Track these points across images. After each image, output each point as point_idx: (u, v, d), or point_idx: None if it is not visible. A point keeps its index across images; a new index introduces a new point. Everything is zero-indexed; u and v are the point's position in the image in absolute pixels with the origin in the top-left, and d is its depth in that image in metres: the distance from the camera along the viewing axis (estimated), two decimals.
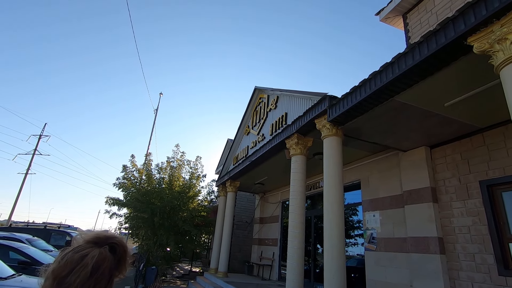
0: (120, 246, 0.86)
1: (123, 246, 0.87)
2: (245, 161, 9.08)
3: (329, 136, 5.17)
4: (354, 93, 4.43)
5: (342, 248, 4.63)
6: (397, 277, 5.58)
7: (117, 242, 0.86)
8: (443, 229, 5.06)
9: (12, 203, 20.05)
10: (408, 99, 4.10)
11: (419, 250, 5.21)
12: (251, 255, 12.60)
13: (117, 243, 0.85)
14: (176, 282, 11.06)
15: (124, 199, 11.68)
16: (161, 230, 10.94)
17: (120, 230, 13.21)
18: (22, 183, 21.07)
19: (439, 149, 5.48)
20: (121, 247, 0.86)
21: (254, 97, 10.00)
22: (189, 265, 14.70)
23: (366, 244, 6.52)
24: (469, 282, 4.52)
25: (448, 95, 3.93)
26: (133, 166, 12.64)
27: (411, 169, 5.77)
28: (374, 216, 6.49)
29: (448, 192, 5.14)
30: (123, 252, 0.87)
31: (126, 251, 0.88)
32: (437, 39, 3.12)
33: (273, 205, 11.52)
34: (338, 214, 4.74)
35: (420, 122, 4.74)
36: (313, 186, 9.19)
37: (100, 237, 0.84)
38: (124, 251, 0.87)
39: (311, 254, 8.70)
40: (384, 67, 3.85)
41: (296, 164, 6.14)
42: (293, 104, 6.96)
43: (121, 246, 0.86)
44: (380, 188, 6.52)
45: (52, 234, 12.27)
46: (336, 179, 4.93)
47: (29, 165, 22.14)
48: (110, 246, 0.83)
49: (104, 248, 0.81)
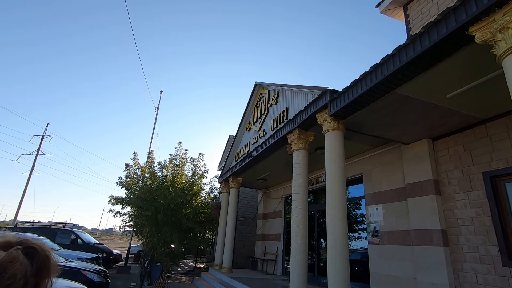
0: (40, 252, 0.73)
1: (44, 251, 0.74)
2: (247, 157, 9.09)
3: (330, 131, 5.15)
4: (355, 87, 4.39)
5: (345, 242, 4.63)
6: (400, 270, 5.59)
7: (35, 247, 0.73)
8: (447, 221, 5.05)
9: (17, 203, 20.21)
10: (409, 92, 4.07)
11: (423, 242, 5.21)
12: (255, 251, 12.67)
13: (35, 248, 0.72)
14: (181, 279, 11.16)
15: (127, 197, 11.75)
16: (165, 227, 11.00)
17: (124, 228, 13.32)
18: (26, 184, 21.24)
19: (442, 141, 5.44)
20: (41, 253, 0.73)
21: (254, 93, 9.97)
22: (194, 261, 14.80)
23: (370, 238, 6.53)
24: (473, 273, 4.52)
25: (450, 86, 3.89)
26: (136, 164, 12.67)
27: (414, 161, 5.74)
28: (377, 209, 6.49)
29: (451, 184, 5.12)
30: (45, 258, 0.73)
31: (49, 258, 0.74)
32: (438, 30, 3.08)
33: (276, 200, 11.55)
34: (341, 209, 4.74)
35: (422, 114, 4.71)
36: (316, 180, 9.19)
37: (10, 241, 0.71)
38: (47, 257, 0.74)
39: (314, 249, 8.74)
40: (384, 60, 3.81)
41: (298, 159, 6.13)
42: (294, 99, 6.93)
43: (41, 251, 0.73)
44: (382, 181, 6.51)
45: (57, 233, 12.37)
46: (338, 173, 4.92)
47: (32, 165, 22.29)
48: (26, 251, 0.70)
49: (16, 248, 0.69)
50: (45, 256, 0.73)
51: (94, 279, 6.56)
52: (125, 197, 11.81)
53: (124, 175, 12.23)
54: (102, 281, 6.87)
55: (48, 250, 0.75)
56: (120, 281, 10.01)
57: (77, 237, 12.46)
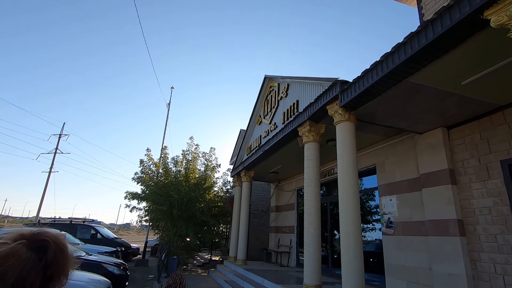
0: (53, 244, 0.66)
1: (58, 244, 0.67)
2: (258, 150, 9.12)
3: (341, 122, 5.11)
4: (366, 77, 4.33)
5: (359, 234, 4.63)
6: (416, 261, 5.55)
7: (47, 239, 0.66)
8: (463, 211, 4.95)
9: (39, 201, 21.01)
10: (422, 80, 3.98)
11: (438, 233, 5.14)
12: (268, 243, 12.79)
13: (47, 240, 0.66)
14: (197, 271, 11.42)
15: (143, 193, 12.04)
16: (180, 221, 11.25)
17: (141, 222, 13.68)
18: (46, 181, 22.05)
19: (457, 130, 5.31)
20: (53, 246, 0.66)
21: (264, 86, 9.94)
22: (209, 254, 15.09)
23: (384, 229, 6.49)
24: (491, 263, 4.44)
25: (465, 73, 3.78)
26: (150, 160, 12.94)
27: (428, 151, 5.63)
28: (390, 200, 6.43)
29: (467, 173, 5.01)
30: (58, 251, 0.67)
31: (63, 251, 0.68)
32: (452, 15, 2.99)
33: (288, 193, 11.58)
34: (353, 200, 4.73)
35: (436, 102, 4.60)
36: (328, 172, 9.15)
37: (23, 234, 0.65)
38: (60, 250, 0.67)
39: (328, 240, 8.75)
40: (396, 48, 3.73)
41: (309, 151, 6.12)
42: (304, 91, 6.88)
43: (54, 244, 0.66)
44: (396, 172, 6.42)
45: (78, 228, 12.84)
46: (350, 165, 4.89)
47: (51, 163, 23.07)
48: (37, 244, 0.64)
49: (20, 243, 0.63)
50: (59, 249, 0.67)
51: (114, 271, 6.81)
52: (141, 192, 12.12)
53: (139, 171, 12.53)
54: (122, 273, 7.12)
55: (63, 243, 0.70)
56: (139, 274, 10.34)
57: (97, 232, 12.90)
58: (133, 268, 11.34)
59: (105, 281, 5.29)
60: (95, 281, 5.04)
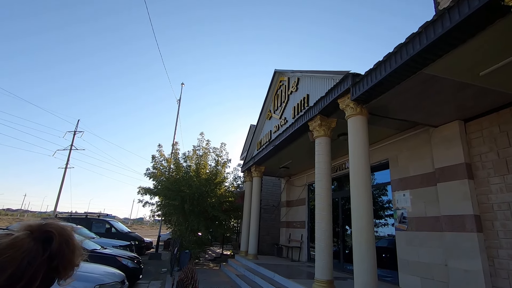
0: (58, 236, 0.65)
1: (64, 235, 0.66)
2: (268, 145, 9.09)
3: (353, 116, 5.01)
4: (379, 69, 4.22)
5: (371, 229, 4.56)
6: (430, 257, 5.43)
7: (52, 230, 0.65)
8: (480, 207, 4.80)
9: (56, 196, 21.66)
10: (438, 71, 3.84)
11: (454, 228, 5.01)
12: (279, 238, 12.81)
13: (52, 231, 0.65)
14: (209, 265, 11.56)
15: (155, 188, 12.22)
16: (191, 216, 11.38)
17: (153, 217, 13.93)
18: (63, 177, 22.68)
19: (474, 123, 5.13)
20: (58, 237, 0.65)
21: (274, 81, 9.86)
22: (220, 248, 15.25)
23: (397, 224, 6.38)
24: (509, 260, 4.30)
25: (484, 63, 3.63)
26: (161, 156, 13.11)
27: (444, 145, 5.47)
28: (404, 195, 6.30)
29: (485, 167, 4.84)
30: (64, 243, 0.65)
31: (69, 243, 0.66)
32: (470, 2, 2.86)
33: (299, 188, 11.53)
34: (365, 196, 4.65)
35: (452, 94, 4.44)
36: (339, 167, 9.05)
37: (31, 225, 0.65)
38: (66, 242, 0.66)
39: (339, 235, 8.68)
40: (410, 38, 3.61)
41: (320, 146, 6.05)
42: (314, 85, 6.78)
43: (59, 235, 0.65)
44: (409, 166, 6.28)
45: (93, 222, 13.19)
46: (362, 159, 4.80)
47: (67, 160, 23.69)
48: (42, 236, 0.63)
49: (24, 233, 0.62)
50: (64, 241, 0.66)
51: (128, 265, 6.97)
52: (153, 187, 12.31)
53: (151, 167, 12.72)
54: (136, 266, 7.28)
55: (69, 234, 0.68)
56: (152, 267, 10.55)
57: (111, 226, 13.22)
58: (146, 261, 11.58)
59: (119, 273, 5.42)
60: (110, 273, 5.17)
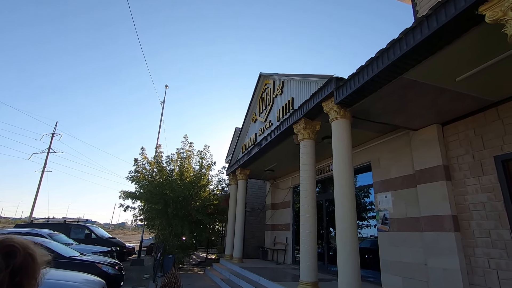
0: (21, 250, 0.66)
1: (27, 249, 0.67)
2: (253, 148, 9.09)
3: (337, 119, 5.10)
4: (361, 73, 4.32)
5: (355, 230, 4.63)
6: (411, 256, 5.58)
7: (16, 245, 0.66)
8: (458, 207, 4.99)
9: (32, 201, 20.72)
10: (417, 76, 3.98)
11: (433, 228, 5.17)
12: (264, 241, 12.80)
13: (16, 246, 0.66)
14: (194, 269, 11.38)
15: (137, 192, 11.94)
16: (175, 220, 11.18)
17: (136, 222, 13.58)
18: (39, 181, 21.75)
19: (451, 126, 5.34)
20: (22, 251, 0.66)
21: (259, 84, 9.90)
22: (205, 252, 15.06)
23: (379, 225, 6.52)
24: (485, 258, 4.48)
25: (460, 69, 3.79)
26: (144, 159, 12.84)
27: (423, 148, 5.66)
28: (386, 197, 6.45)
29: (461, 169, 5.04)
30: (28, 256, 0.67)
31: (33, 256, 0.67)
32: (447, 11, 2.98)
33: (284, 191, 11.58)
34: (349, 197, 4.73)
35: (431, 99, 4.61)
36: (323, 170, 9.16)
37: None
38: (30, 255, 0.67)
39: (324, 237, 8.77)
40: (391, 44, 3.72)
41: (304, 149, 6.11)
42: (299, 89, 6.85)
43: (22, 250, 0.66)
44: (391, 168, 6.45)
45: (72, 228, 12.71)
46: (346, 162, 4.89)
47: (44, 163, 22.75)
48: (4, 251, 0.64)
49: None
50: (28, 254, 0.67)
51: (109, 271, 6.74)
52: (135, 191, 12.02)
53: (133, 170, 12.42)
54: (117, 273, 7.05)
55: (32, 249, 0.70)
56: (134, 273, 10.27)
57: (91, 232, 12.78)
58: (128, 267, 11.26)
59: (99, 281, 5.22)
60: (89, 281, 4.97)
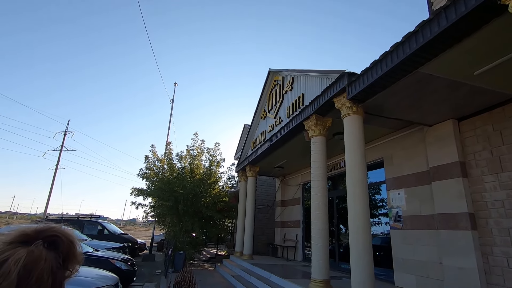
0: (64, 238, 0.68)
1: (68, 236, 0.69)
2: (263, 145, 9.05)
3: (349, 115, 5.01)
4: (375, 68, 4.22)
5: (368, 228, 4.56)
6: (425, 255, 5.47)
7: (59, 234, 0.67)
8: (475, 205, 4.85)
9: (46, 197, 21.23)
10: (434, 70, 3.86)
11: (448, 227, 5.06)
12: (274, 238, 12.80)
13: (59, 235, 0.67)
14: (204, 266, 11.47)
15: (148, 189, 12.07)
16: (185, 216, 11.27)
17: (147, 218, 13.75)
18: (53, 178, 22.24)
19: (468, 122, 5.18)
20: (65, 239, 0.68)
21: (268, 80, 9.83)
22: (215, 249, 15.16)
23: (392, 223, 6.41)
24: (503, 257, 4.35)
25: (479, 62, 3.65)
26: (154, 156, 12.95)
27: (438, 144, 5.52)
28: (399, 194, 6.34)
29: (479, 166, 4.89)
30: (70, 244, 0.68)
31: (73, 242, 0.69)
32: (466, 1, 2.86)
33: (294, 187, 11.53)
34: (362, 195, 4.64)
35: (447, 94, 4.48)
36: (334, 167, 9.07)
37: (27, 234, 0.63)
38: (71, 243, 0.69)
39: (334, 235, 8.70)
40: (406, 37, 3.61)
41: (316, 145, 6.03)
42: (309, 84, 6.77)
43: (65, 237, 0.68)
44: (404, 165, 6.32)
45: (85, 224, 12.94)
46: (358, 159, 4.80)
47: (57, 160, 23.24)
48: (49, 241, 0.65)
49: (36, 245, 0.62)
50: (70, 242, 0.68)
51: (121, 267, 6.84)
52: (146, 188, 12.15)
53: (144, 167, 12.55)
54: (129, 269, 7.16)
55: (72, 235, 0.70)
56: (146, 269, 10.41)
57: (104, 228, 13.00)
58: (140, 263, 11.43)
59: (112, 276, 5.30)
60: (103, 276, 5.05)
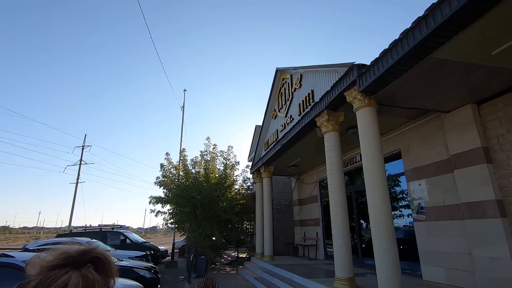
0: (105, 260, 0.69)
1: (107, 256, 0.71)
2: (276, 145, 9.00)
3: (361, 108, 4.89)
4: (385, 57, 4.10)
5: (390, 222, 4.43)
6: (453, 246, 5.27)
7: (100, 255, 0.69)
8: (502, 191, 4.63)
9: (70, 211, 21.89)
10: (447, 54, 3.70)
11: (475, 215, 4.85)
12: (294, 237, 12.69)
13: (100, 257, 0.69)
14: (226, 269, 11.50)
15: (166, 196, 12.23)
16: (204, 221, 11.35)
17: (167, 225, 13.94)
18: (75, 192, 22.90)
19: (488, 104, 4.96)
20: (105, 260, 0.70)
21: (277, 79, 9.77)
22: (235, 251, 15.18)
23: (415, 215, 6.22)
24: None
25: (495, 42, 3.48)
26: (169, 164, 13.13)
27: (458, 130, 5.31)
28: (419, 185, 6.14)
29: (503, 150, 4.67)
30: (109, 263, 0.70)
31: (111, 263, 0.71)
32: None
33: (310, 185, 11.40)
34: (381, 188, 4.52)
35: (463, 77, 4.30)
36: (350, 161, 8.90)
37: (72, 255, 0.64)
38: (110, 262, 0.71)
39: (355, 230, 8.54)
40: (416, 23, 3.49)
41: (329, 141, 5.93)
42: (318, 80, 6.67)
43: (105, 257, 0.70)
44: (423, 155, 6.12)
45: (108, 235, 13.26)
46: (375, 151, 4.68)
47: (78, 174, 23.92)
48: (94, 262, 0.66)
49: (86, 268, 0.62)
50: (109, 262, 0.71)
51: (146, 275, 6.93)
52: (164, 196, 12.32)
53: (160, 175, 12.73)
54: (153, 277, 7.24)
55: (108, 255, 0.73)
56: (169, 275, 10.53)
57: (126, 237, 13.26)
58: (163, 270, 11.58)
59: (137, 285, 5.37)
60: (128, 286, 5.12)
